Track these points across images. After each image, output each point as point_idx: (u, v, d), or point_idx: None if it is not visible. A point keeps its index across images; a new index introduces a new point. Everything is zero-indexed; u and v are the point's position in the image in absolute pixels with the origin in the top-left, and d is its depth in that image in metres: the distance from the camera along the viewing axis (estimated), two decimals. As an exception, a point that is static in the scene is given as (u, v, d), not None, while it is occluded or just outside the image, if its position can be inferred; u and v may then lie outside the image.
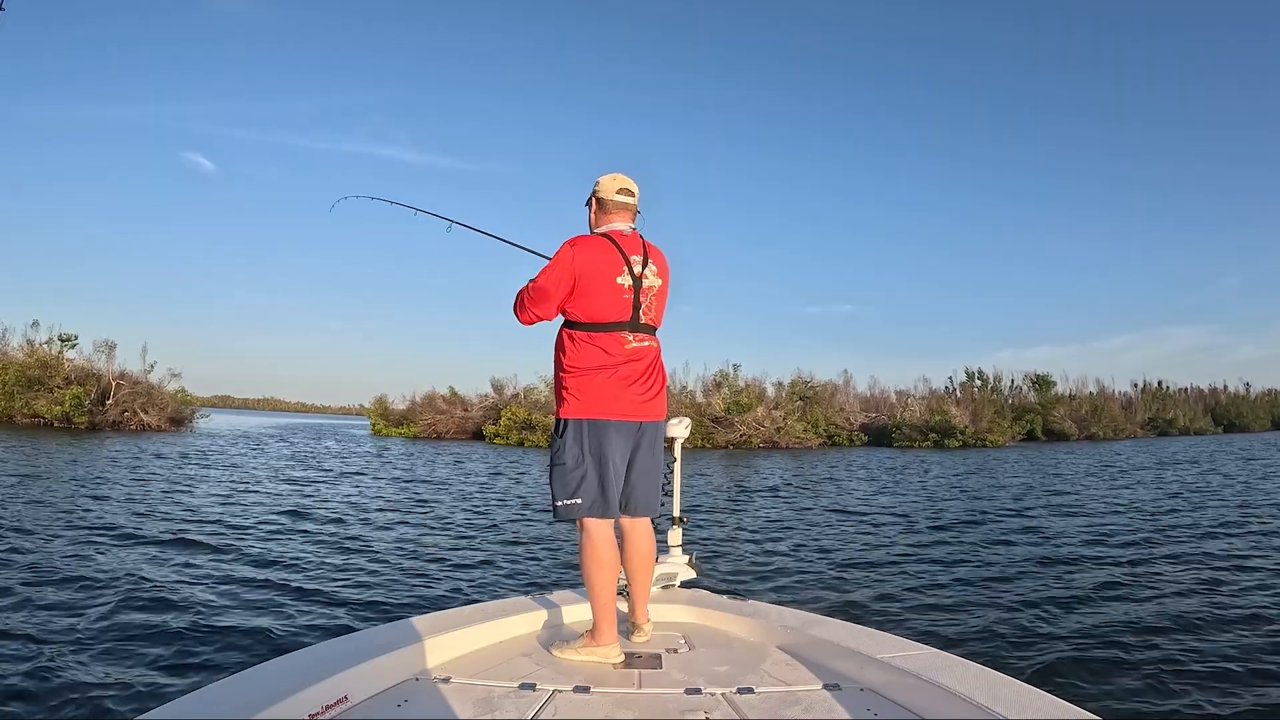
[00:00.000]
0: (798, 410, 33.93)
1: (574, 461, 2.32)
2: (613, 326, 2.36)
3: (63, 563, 5.83)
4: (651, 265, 2.42)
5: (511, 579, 5.95)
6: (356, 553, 6.83)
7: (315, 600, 5.10)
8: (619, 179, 2.47)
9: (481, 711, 1.85)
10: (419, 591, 5.45)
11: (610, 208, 2.45)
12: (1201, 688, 3.56)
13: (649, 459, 2.45)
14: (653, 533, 2.56)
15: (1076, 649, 4.16)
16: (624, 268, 2.36)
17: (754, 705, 1.92)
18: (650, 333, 2.44)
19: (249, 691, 1.73)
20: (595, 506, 2.32)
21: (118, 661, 3.75)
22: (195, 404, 34.91)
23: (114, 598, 4.88)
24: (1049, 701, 1.74)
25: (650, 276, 2.41)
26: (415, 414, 38.57)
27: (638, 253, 2.41)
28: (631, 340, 2.37)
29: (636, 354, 2.38)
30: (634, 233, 2.47)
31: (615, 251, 2.36)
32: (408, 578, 5.86)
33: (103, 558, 6.09)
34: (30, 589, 5.03)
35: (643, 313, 2.39)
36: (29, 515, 7.98)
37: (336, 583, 5.63)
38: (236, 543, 7.06)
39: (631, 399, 2.36)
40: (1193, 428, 47.67)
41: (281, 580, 5.62)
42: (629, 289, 2.36)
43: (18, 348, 30.93)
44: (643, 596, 2.55)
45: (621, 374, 2.35)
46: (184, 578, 5.56)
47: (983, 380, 41.96)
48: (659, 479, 2.51)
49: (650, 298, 2.41)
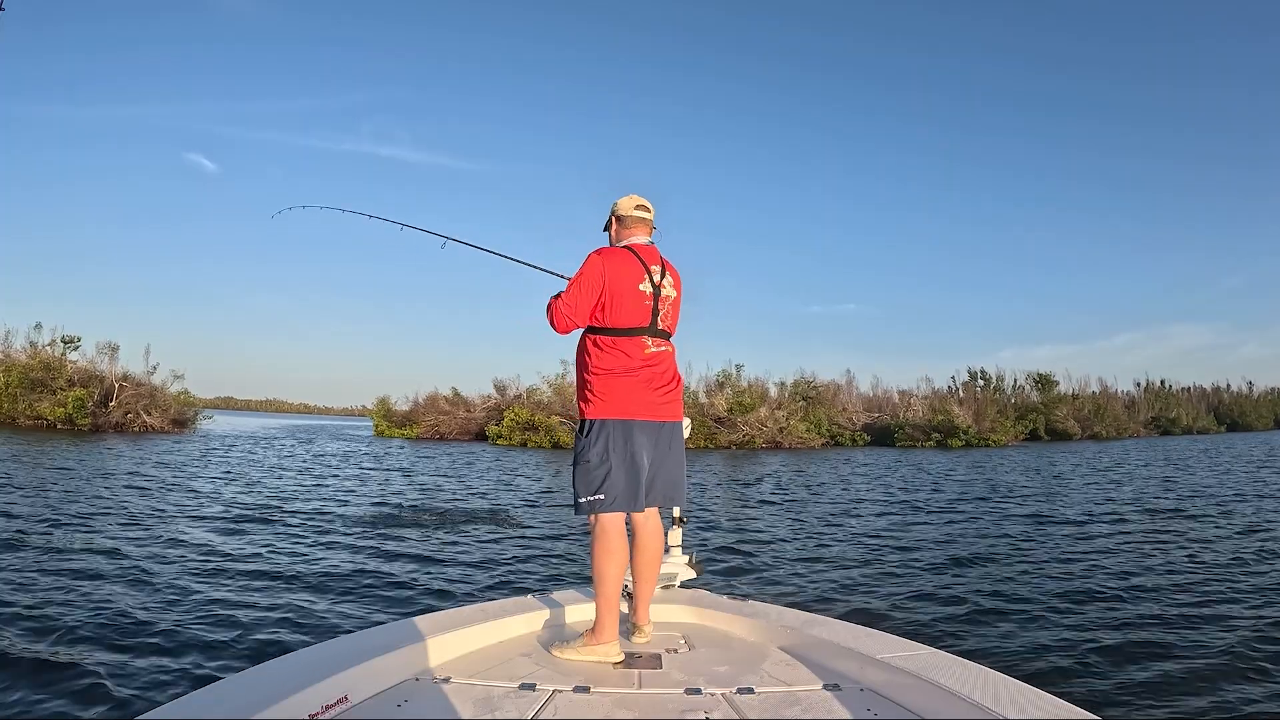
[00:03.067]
0: (800, 410, 33.91)
1: (599, 459, 2.42)
2: (634, 332, 2.50)
3: (62, 563, 5.84)
4: (669, 277, 2.59)
5: (511, 579, 5.95)
6: (356, 553, 6.83)
7: (314, 600, 5.10)
8: (635, 197, 2.66)
9: (481, 711, 1.85)
10: (419, 591, 5.46)
11: (630, 223, 2.64)
12: (1202, 688, 3.55)
13: (669, 454, 2.56)
14: (660, 529, 2.62)
15: (1077, 649, 4.15)
16: (645, 276, 2.52)
17: (754, 705, 1.92)
18: (666, 338, 2.59)
19: (249, 691, 1.73)
20: (618, 502, 2.42)
21: (117, 662, 3.75)
22: (198, 405, 34.91)
23: (114, 598, 4.89)
24: (1049, 701, 1.74)
25: (668, 287, 2.57)
26: (418, 415, 38.58)
27: (656, 263, 2.57)
28: (651, 345, 2.52)
29: (655, 358, 2.52)
30: (652, 246, 2.65)
31: (637, 262, 2.52)
32: (408, 577, 5.86)
33: (103, 558, 6.11)
34: (30, 589, 5.04)
35: (660, 319, 2.55)
36: (30, 515, 8.00)
37: (335, 583, 5.64)
38: (237, 542, 7.08)
39: (653, 400, 2.50)
40: (1195, 427, 47.58)
41: (281, 580, 5.62)
42: (649, 296, 2.52)
43: (21, 349, 31.01)
44: (646, 596, 2.59)
45: (643, 377, 2.49)
46: (184, 577, 5.56)
47: (985, 380, 41.91)
48: (681, 472, 2.62)
49: (667, 306, 2.57)
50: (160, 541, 6.97)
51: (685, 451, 2.67)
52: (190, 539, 7.16)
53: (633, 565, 2.55)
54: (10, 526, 7.35)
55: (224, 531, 7.74)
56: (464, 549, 7.18)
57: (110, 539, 6.97)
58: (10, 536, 6.81)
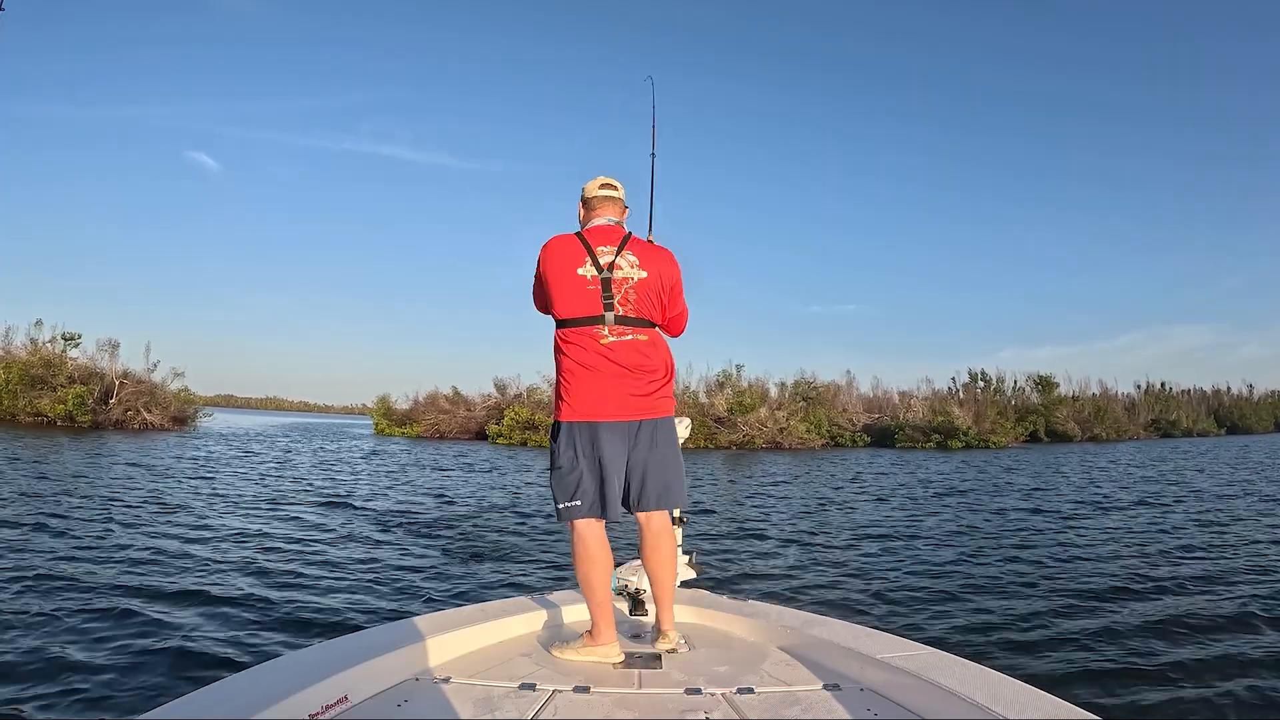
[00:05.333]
0: (800, 411, 33.91)
1: (569, 465, 2.29)
2: (583, 322, 2.29)
3: (62, 562, 5.84)
4: (630, 256, 2.32)
5: (512, 579, 5.95)
6: (356, 552, 6.83)
7: (314, 600, 5.10)
8: (600, 179, 2.49)
9: (481, 711, 1.85)
10: (419, 591, 5.46)
11: (594, 204, 2.46)
12: (1203, 688, 3.55)
13: (653, 453, 2.34)
14: (667, 530, 2.42)
15: (1077, 649, 4.14)
16: (586, 259, 2.29)
17: (754, 705, 1.92)
18: (635, 325, 2.31)
19: (249, 691, 1.73)
20: (594, 508, 2.29)
21: (118, 661, 3.75)
22: (198, 403, 34.95)
23: (114, 598, 4.89)
24: (1049, 701, 1.74)
25: (627, 267, 2.30)
26: (418, 414, 38.60)
27: (610, 243, 2.33)
28: (608, 335, 2.28)
29: (615, 350, 2.28)
30: (615, 226, 2.42)
31: (578, 244, 2.32)
32: (408, 577, 5.86)
33: (102, 558, 6.11)
34: (30, 589, 5.04)
35: (618, 304, 2.28)
36: (30, 515, 8.00)
37: (335, 583, 5.64)
38: (235, 543, 7.08)
39: (622, 398, 2.29)
40: (1195, 429, 47.56)
41: (281, 581, 5.62)
42: (592, 279, 2.28)
43: (21, 346, 31.03)
44: (663, 600, 2.41)
45: (606, 372, 2.27)
46: (184, 577, 5.57)
47: (985, 381, 41.90)
48: (672, 473, 2.39)
49: (627, 289, 2.29)
50: (161, 539, 6.97)
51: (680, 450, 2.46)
52: (187, 540, 7.16)
53: (645, 568, 2.46)
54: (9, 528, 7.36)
55: (221, 532, 7.73)
56: (464, 549, 7.18)
57: (109, 540, 6.97)
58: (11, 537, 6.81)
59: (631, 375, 2.30)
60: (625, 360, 2.29)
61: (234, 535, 7.41)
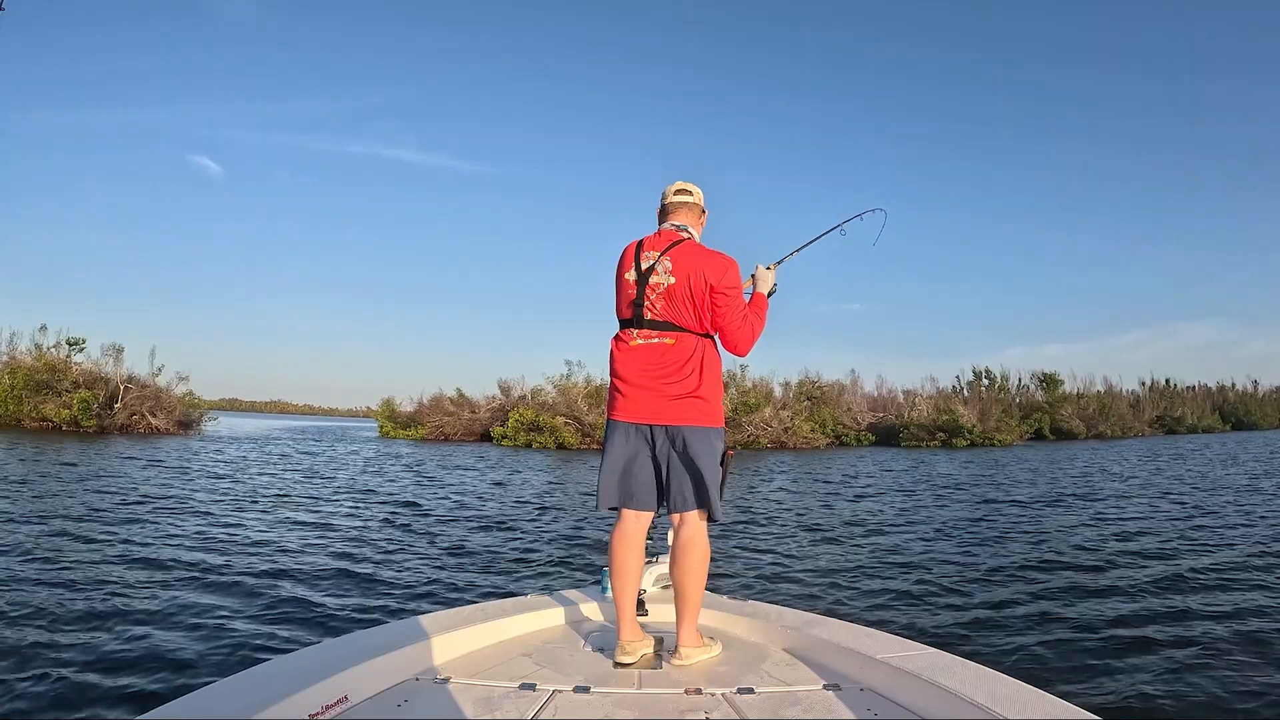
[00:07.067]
0: (805, 410, 33.86)
1: (604, 457, 2.39)
2: (623, 324, 2.39)
3: (61, 561, 5.87)
4: (666, 262, 2.33)
5: (512, 579, 5.96)
6: (355, 552, 6.84)
7: (314, 600, 5.11)
8: (677, 183, 2.55)
9: (481, 711, 1.85)
10: (419, 591, 5.46)
11: (668, 209, 2.52)
12: (1203, 688, 3.53)
13: (672, 460, 2.32)
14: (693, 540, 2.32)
15: (1078, 649, 4.13)
16: (632, 264, 2.38)
17: (754, 705, 1.92)
18: (664, 330, 2.32)
19: (249, 691, 1.73)
20: (621, 500, 2.36)
21: (118, 662, 3.77)
22: (203, 407, 35.03)
23: (114, 598, 4.91)
24: (1049, 701, 1.74)
25: (662, 272, 2.32)
26: (422, 416, 38.60)
27: (656, 249, 2.37)
28: (636, 338, 2.34)
29: (641, 353, 2.32)
30: (673, 230, 2.45)
31: (632, 249, 2.42)
32: (408, 577, 5.87)
33: (101, 558, 6.13)
34: (30, 589, 5.06)
35: (646, 309, 2.32)
36: (29, 514, 8.03)
37: (334, 582, 5.65)
38: (235, 543, 7.09)
39: (644, 399, 2.31)
40: (1201, 426, 47.32)
41: (280, 581, 5.63)
42: (632, 283, 2.36)
43: (26, 351, 31.11)
44: (681, 614, 2.31)
45: (629, 374, 2.33)
46: (183, 577, 5.58)
47: (990, 379, 41.78)
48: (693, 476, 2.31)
49: (657, 294, 2.32)
50: (161, 539, 6.99)
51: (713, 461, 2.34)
52: (186, 539, 7.18)
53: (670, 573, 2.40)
54: (11, 526, 7.39)
55: (223, 530, 7.75)
56: (464, 549, 7.18)
57: (108, 540, 6.99)
58: (11, 535, 6.84)
59: (650, 378, 2.32)
60: (646, 363, 2.32)
61: (234, 536, 7.43)
